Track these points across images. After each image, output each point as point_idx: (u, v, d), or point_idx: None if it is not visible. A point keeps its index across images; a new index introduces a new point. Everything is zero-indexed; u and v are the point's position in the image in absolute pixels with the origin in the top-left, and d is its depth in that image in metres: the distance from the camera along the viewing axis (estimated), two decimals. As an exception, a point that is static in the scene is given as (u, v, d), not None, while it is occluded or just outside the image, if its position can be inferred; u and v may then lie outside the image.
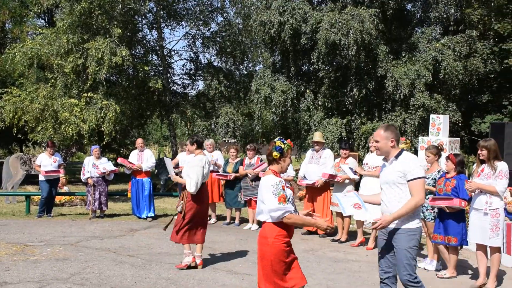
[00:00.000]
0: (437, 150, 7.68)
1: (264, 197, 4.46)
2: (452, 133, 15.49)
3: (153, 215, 11.59)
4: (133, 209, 11.75)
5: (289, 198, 4.50)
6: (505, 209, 7.23)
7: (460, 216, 6.89)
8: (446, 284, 6.76)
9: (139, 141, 12.02)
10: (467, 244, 7.11)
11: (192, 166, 7.14)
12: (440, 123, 10.89)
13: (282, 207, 4.38)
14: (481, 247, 6.67)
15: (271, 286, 4.43)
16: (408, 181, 4.67)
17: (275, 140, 4.67)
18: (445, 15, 17.46)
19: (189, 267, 7.15)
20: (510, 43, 16.83)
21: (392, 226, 4.74)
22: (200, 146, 7.46)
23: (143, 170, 11.54)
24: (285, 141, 4.63)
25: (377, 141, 4.86)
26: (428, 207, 7.45)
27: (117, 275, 6.79)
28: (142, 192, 11.53)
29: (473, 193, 6.65)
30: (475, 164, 6.92)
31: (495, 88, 19.26)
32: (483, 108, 19.36)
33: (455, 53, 16.23)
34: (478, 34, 17.24)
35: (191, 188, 7.03)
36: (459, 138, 12.34)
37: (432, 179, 7.47)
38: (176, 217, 7.29)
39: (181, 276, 6.77)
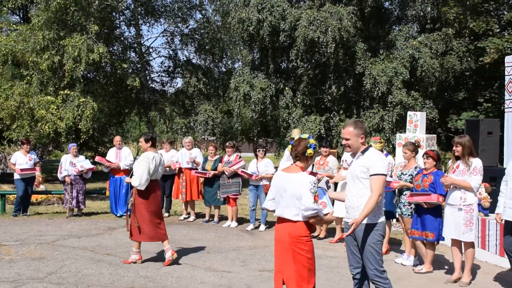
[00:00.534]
0: (414, 147, 7.75)
1: (303, 194, 4.43)
2: (429, 130, 15.68)
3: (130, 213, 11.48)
4: (111, 207, 11.66)
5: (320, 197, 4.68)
6: (479, 204, 7.35)
7: (437, 211, 6.97)
8: (423, 279, 6.84)
9: (117, 138, 11.92)
10: (443, 240, 7.21)
11: (139, 161, 7.18)
12: (417, 120, 11.00)
13: (316, 207, 4.46)
14: (456, 242, 6.76)
15: (305, 282, 4.49)
16: (370, 175, 4.67)
17: (305, 137, 4.70)
18: (422, 13, 17.68)
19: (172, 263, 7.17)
20: (485, 41, 17.09)
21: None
22: (154, 144, 7.49)
23: (121, 168, 11.43)
24: (314, 145, 4.71)
25: (347, 139, 4.83)
26: (405, 203, 7.53)
27: (94, 273, 6.72)
28: (120, 190, 11.43)
29: (448, 189, 6.74)
30: (450, 160, 7.01)
31: (471, 86, 19.57)
32: (459, 105, 19.65)
33: (432, 51, 16.44)
34: (454, 32, 17.49)
35: (135, 182, 7.05)
36: (435, 135, 12.50)
37: (409, 175, 7.55)
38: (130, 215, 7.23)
39: (159, 274, 6.74)
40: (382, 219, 4.79)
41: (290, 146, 4.79)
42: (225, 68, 23.71)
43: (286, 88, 17.31)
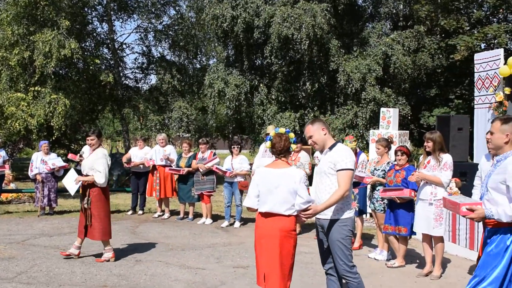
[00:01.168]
0: (387, 143, 7.84)
1: (298, 188, 4.53)
2: (402, 126, 15.89)
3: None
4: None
5: None
6: (450, 198, 7.47)
7: (410, 206, 7.05)
8: (395, 273, 6.93)
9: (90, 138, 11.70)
10: (415, 234, 7.31)
11: (98, 158, 7.12)
12: (390, 116, 11.15)
13: (311, 199, 4.60)
14: (426, 237, 6.87)
15: (286, 278, 4.60)
16: (337, 171, 4.65)
17: (283, 131, 4.78)
18: (394, 11, 17.90)
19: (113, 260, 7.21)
20: (456, 39, 17.37)
21: (323, 217, 4.72)
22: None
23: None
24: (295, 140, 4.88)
25: (310, 137, 4.80)
26: (378, 198, 7.61)
27: (66, 272, 6.62)
28: (93, 188, 11.27)
29: (420, 184, 6.83)
30: (421, 156, 7.11)
31: (442, 83, 19.87)
32: (431, 102, 19.93)
33: (404, 48, 16.64)
34: (425, 29, 17.74)
35: (101, 179, 7.04)
36: (408, 131, 12.67)
37: (382, 170, 7.63)
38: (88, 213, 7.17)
39: (132, 272, 6.68)
40: (350, 214, 4.75)
41: (268, 143, 4.81)
42: (199, 64, 23.62)
43: (261, 85, 17.32)
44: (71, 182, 7.64)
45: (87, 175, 7.15)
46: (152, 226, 10.08)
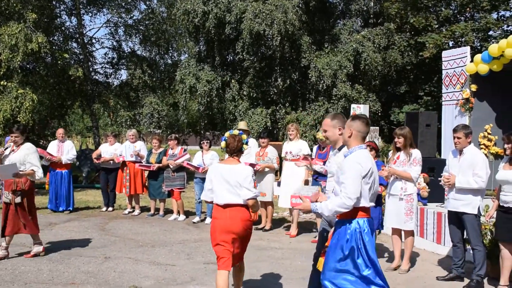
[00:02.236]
0: (356, 139, 7.90)
1: (245, 181, 4.98)
2: (373, 122, 16.06)
3: (71, 208, 11.18)
4: (49, 202, 11.19)
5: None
6: (418, 194, 7.59)
7: (377, 201, 7.12)
8: (364, 267, 6.99)
9: (60, 131, 11.49)
10: (382, 229, 7.40)
11: (30, 154, 7.11)
12: (360, 112, 11.25)
13: (256, 191, 5.07)
14: (396, 231, 6.96)
15: (239, 255, 5.17)
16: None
17: (236, 133, 5.25)
18: (365, 8, 18.07)
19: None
20: (425, 36, 17.63)
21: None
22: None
23: (63, 162, 11.06)
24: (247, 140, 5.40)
25: (325, 130, 4.85)
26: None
27: (32, 270, 6.49)
28: (61, 185, 11.06)
29: (389, 179, 6.92)
30: (391, 152, 7.19)
31: (412, 80, 20.16)
32: (401, 99, 20.21)
33: (375, 45, 16.81)
34: (395, 27, 17.95)
35: (41, 174, 7.15)
36: (378, 127, 12.82)
37: (351, 166, 7.69)
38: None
39: (101, 269, 6.59)
40: None
41: (223, 143, 5.26)
42: (171, 60, 23.43)
43: (233, 81, 17.28)
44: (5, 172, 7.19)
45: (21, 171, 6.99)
46: (122, 223, 9.97)
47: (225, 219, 4.97)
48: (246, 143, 5.27)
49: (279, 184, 9.45)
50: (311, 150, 9.54)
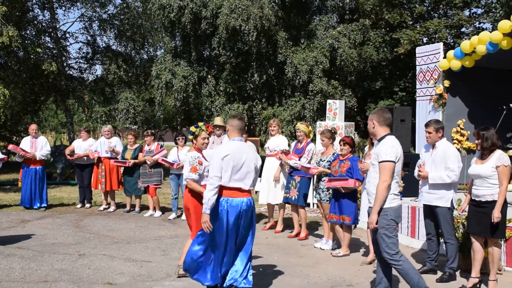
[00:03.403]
0: (331, 134, 7.95)
1: (185, 167, 5.76)
2: (349, 118, 16.18)
3: (45, 205, 11.01)
4: (22, 199, 10.98)
5: (201, 170, 5.70)
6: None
7: (353, 196, 7.20)
8: (340, 262, 7.06)
9: (33, 127, 11.25)
10: (358, 223, 7.46)
11: None
12: (336, 108, 11.31)
13: (190, 175, 5.65)
14: (371, 225, 7.02)
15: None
16: (378, 162, 4.92)
17: (201, 125, 6.02)
18: (340, 4, 18.16)
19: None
20: (399, 33, 17.81)
21: (369, 205, 5.14)
22: None
23: (37, 158, 10.86)
24: (198, 125, 5.98)
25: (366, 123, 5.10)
26: (323, 188, 7.72)
27: (4, 268, 6.38)
28: (34, 182, 10.87)
29: (365, 174, 6.97)
30: (367, 147, 7.25)
31: (387, 75, 20.35)
32: (377, 94, 20.39)
33: (350, 41, 16.92)
34: (371, 23, 18.10)
35: None
36: (354, 123, 12.91)
37: (327, 161, 7.74)
38: None
39: (75, 266, 6.51)
40: (391, 204, 4.95)
41: (190, 136, 5.95)
42: (146, 55, 23.22)
43: (209, 76, 17.23)
44: None
45: None
46: (97, 220, 9.87)
47: (184, 196, 5.87)
48: (191, 134, 5.97)
49: (260, 180, 9.45)
50: (290, 145, 9.55)
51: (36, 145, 10.96)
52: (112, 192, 11.11)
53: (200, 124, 6.00)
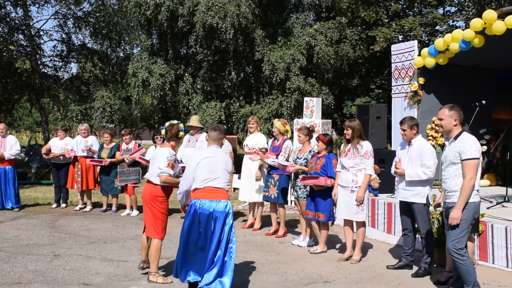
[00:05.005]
0: (308, 131, 7.97)
1: (161, 160, 5.87)
2: (326, 115, 16.27)
3: (19, 206, 10.83)
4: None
5: (176, 168, 5.97)
6: (369, 185, 7.74)
7: (328, 193, 7.21)
8: (317, 259, 7.09)
9: (0, 126, 11.06)
10: (334, 220, 7.51)
11: None
12: (313, 105, 11.35)
13: (167, 170, 5.83)
14: (348, 222, 7.08)
15: (159, 229, 5.90)
16: (462, 160, 4.98)
17: (175, 123, 6.21)
18: (317, 2, 18.20)
19: None
20: (375, 30, 17.96)
21: (450, 200, 5.20)
22: None
23: (6, 158, 10.66)
24: (185, 129, 6.32)
25: (441, 119, 5.16)
26: (300, 186, 7.75)
27: (-23, 271, 6.26)
28: (5, 182, 10.66)
29: (339, 171, 7.02)
30: (342, 144, 7.29)
31: (364, 73, 20.51)
32: (354, 92, 20.54)
33: (327, 39, 16.98)
34: (347, 21, 18.19)
35: None
36: (331, 120, 12.98)
37: (304, 159, 7.76)
38: None
39: (50, 267, 6.41)
40: (474, 199, 5.07)
41: (163, 131, 6.24)
42: (123, 53, 23.01)
43: (186, 74, 17.13)
44: None
45: None
46: (73, 219, 9.75)
47: (144, 191, 6.00)
48: (183, 131, 6.14)
49: (239, 177, 9.43)
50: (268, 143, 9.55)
51: (5, 145, 10.75)
52: (89, 192, 10.99)
53: (181, 125, 6.24)
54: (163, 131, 6.28)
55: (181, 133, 6.14)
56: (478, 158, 5.03)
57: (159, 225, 5.89)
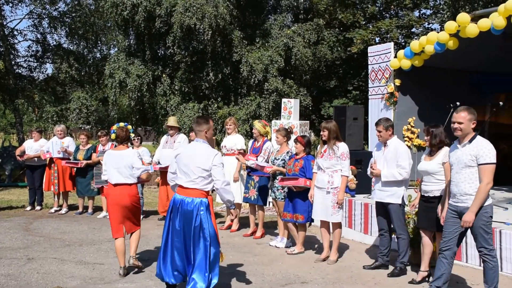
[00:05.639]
0: (286, 132, 7.98)
1: (134, 161, 6.23)
2: (304, 116, 16.33)
3: (-8, 209, 10.67)
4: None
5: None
6: (346, 186, 7.77)
7: (307, 194, 7.23)
8: (295, 260, 7.10)
9: None
10: (313, 221, 7.53)
11: None
12: (291, 107, 11.39)
13: (144, 167, 6.33)
14: (324, 223, 7.10)
15: (137, 224, 6.42)
16: (479, 164, 4.93)
17: (123, 125, 6.72)
18: (295, 4, 18.28)
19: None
20: (352, 32, 18.10)
21: (463, 205, 5.06)
22: None
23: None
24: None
25: (460, 123, 5.04)
26: (278, 187, 7.74)
27: None
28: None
29: (316, 172, 7.04)
30: (319, 145, 7.31)
31: (341, 74, 20.65)
32: (331, 93, 20.66)
33: (305, 40, 17.07)
34: (324, 22, 18.31)
35: None
36: (309, 121, 13.03)
37: (281, 160, 7.77)
38: None
39: (23, 271, 6.30)
40: (489, 201, 5.05)
41: (113, 135, 6.53)
42: (100, 54, 22.78)
43: (164, 75, 17.04)
44: None
45: None
46: (48, 222, 9.60)
47: (115, 195, 6.16)
48: (132, 132, 6.53)
49: None
50: (247, 144, 9.55)
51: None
52: (65, 194, 10.85)
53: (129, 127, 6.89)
54: (112, 135, 6.57)
55: (132, 135, 6.66)
56: (496, 163, 5.00)
57: (137, 217, 6.40)
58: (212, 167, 5.26)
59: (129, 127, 6.59)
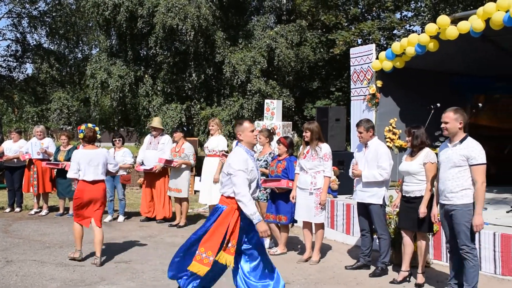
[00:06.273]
0: (269, 133, 8.00)
1: (108, 159, 6.96)
2: (287, 117, 16.36)
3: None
4: None
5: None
6: (328, 187, 7.80)
7: (289, 196, 7.24)
8: (277, 260, 7.06)
9: None
10: (296, 222, 7.55)
11: None
12: (274, 108, 11.42)
13: (116, 162, 7.27)
14: (307, 224, 7.12)
15: (100, 215, 7.05)
16: (471, 165, 5.02)
17: (91, 126, 7.01)
18: (278, 5, 18.32)
19: None
20: (335, 34, 18.20)
21: (448, 203, 5.18)
22: None
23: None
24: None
25: (446, 122, 5.14)
26: (260, 187, 7.74)
27: None
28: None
29: (298, 173, 7.05)
30: (301, 146, 7.33)
31: (324, 76, 20.73)
32: (314, 94, 20.72)
33: (288, 41, 17.10)
34: (307, 24, 18.38)
35: None
36: (291, 122, 13.07)
37: (264, 161, 7.77)
38: None
39: (1, 274, 6.21)
40: (473, 200, 5.12)
41: (81, 134, 6.89)
42: (81, 54, 22.58)
43: (146, 76, 16.93)
44: None
45: None
46: (28, 224, 9.48)
47: (92, 191, 6.73)
48: (98, 133, 7.13)
49: (200, 180, 9.38)
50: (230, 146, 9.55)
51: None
52: (46, 195, 10.72)
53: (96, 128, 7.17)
54: (80, 134, 6.92)
55: (98, 136, 7.13)
56: (486, 163, 5.12)
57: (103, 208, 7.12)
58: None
59: (97, 128, 7.10)
